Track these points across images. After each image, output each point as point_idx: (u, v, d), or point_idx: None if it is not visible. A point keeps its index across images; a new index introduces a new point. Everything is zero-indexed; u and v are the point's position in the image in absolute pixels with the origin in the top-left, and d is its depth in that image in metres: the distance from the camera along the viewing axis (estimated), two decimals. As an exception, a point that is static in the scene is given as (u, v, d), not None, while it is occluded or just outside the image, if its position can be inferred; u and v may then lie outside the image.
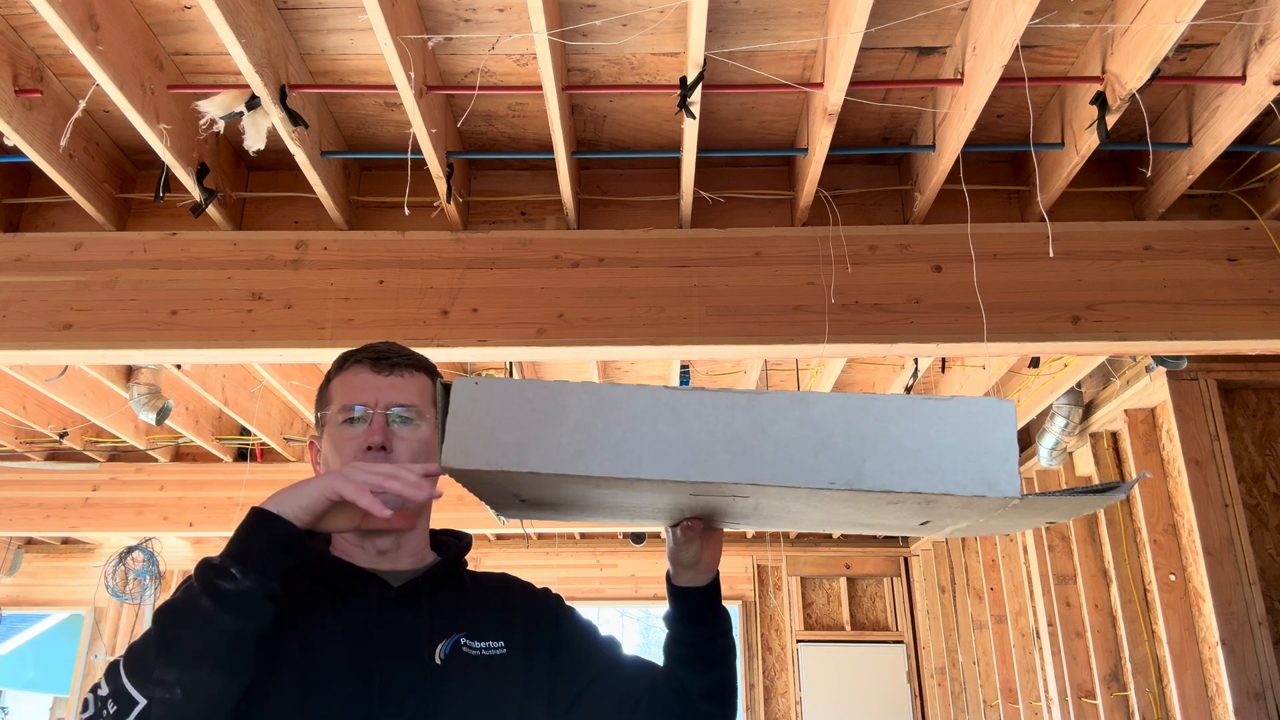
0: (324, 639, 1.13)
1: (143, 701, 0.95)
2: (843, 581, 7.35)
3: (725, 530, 1.31)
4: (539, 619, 1.32)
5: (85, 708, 0.99)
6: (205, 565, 1.02)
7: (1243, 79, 2.28)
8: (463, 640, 1.19)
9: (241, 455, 5.31)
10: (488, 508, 1.20)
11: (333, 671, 1.12)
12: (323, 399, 1.28)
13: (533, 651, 1.27)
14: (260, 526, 1.03)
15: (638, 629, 19.60)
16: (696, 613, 1.30)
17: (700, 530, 1.24)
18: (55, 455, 5.25)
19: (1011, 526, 1.13)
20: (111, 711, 0.95)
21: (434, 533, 1.33)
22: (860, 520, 1.14)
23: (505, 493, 1.07)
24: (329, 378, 1.29)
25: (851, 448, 0.93)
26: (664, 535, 1.31)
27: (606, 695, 1.30)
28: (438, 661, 1.16)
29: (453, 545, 1.32)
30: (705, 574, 1.29)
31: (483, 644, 1.21)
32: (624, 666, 1.34)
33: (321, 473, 1.24)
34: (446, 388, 0.98)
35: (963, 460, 0.93)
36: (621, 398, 0.96)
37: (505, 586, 1.35)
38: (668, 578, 1.33)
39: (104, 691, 0.98)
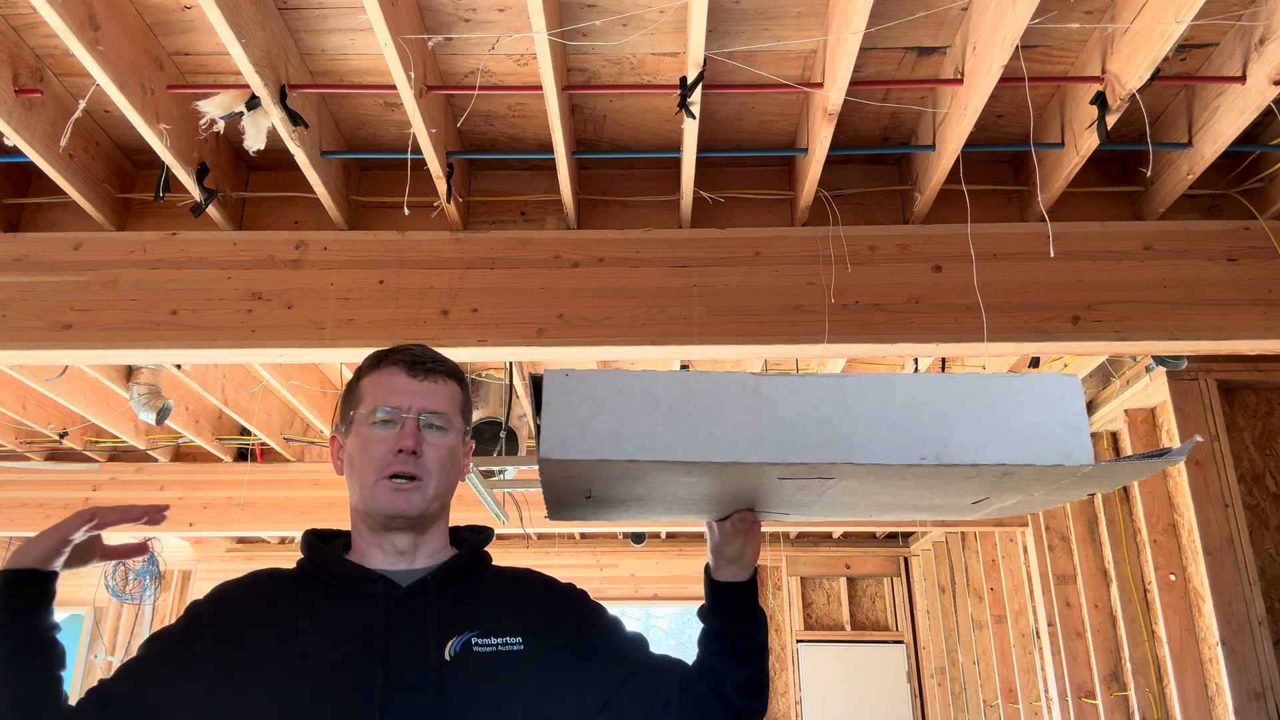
0: (332, 641, 1.14)
1: None
2: (843, 581, 7.35)
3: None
4: (562, 615, 1.30)
5: None
6: None
7: (1243, 79, 2.28)
8: (474, 638, 1.19)
9: (241, 455, 5.31)
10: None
11: (338, 674, 1.12)
12: (352, 397, 1.27)
13: (553, 648, 1.25)
14: None
15: (638, 629, 19.64)
16: (738, 607, 1.31)
17: (750, 523, 1.25)
18: (55, 455, 5.25)
19: (1058, 500, 1.19)
20: None
21: (455, 529, 1.33)
22: (924, 500, 1.17)
23: (578, 489, 1.09)
24: (359, 375, 1.28)
25: (936, 425, 0.98)
26: (706, 531, 1.32)
27: (639, 694, 1.30)
28: (447, 659, 1.16)
29: (471, 540, 1.32)
30: (747, 569, 1.31)
31: (498, 640, 1.20)
32: (654, 664, 1.34)
33: (344, 470, 1.26)
34: (537, 380, 1.00)
35: (1039, 432, 0.98)
36: (710, 385, 1.00)
37: (526, 581, 1.34)
38: (706, 571, 1.33)
39: None
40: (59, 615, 1.15)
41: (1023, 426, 0.98)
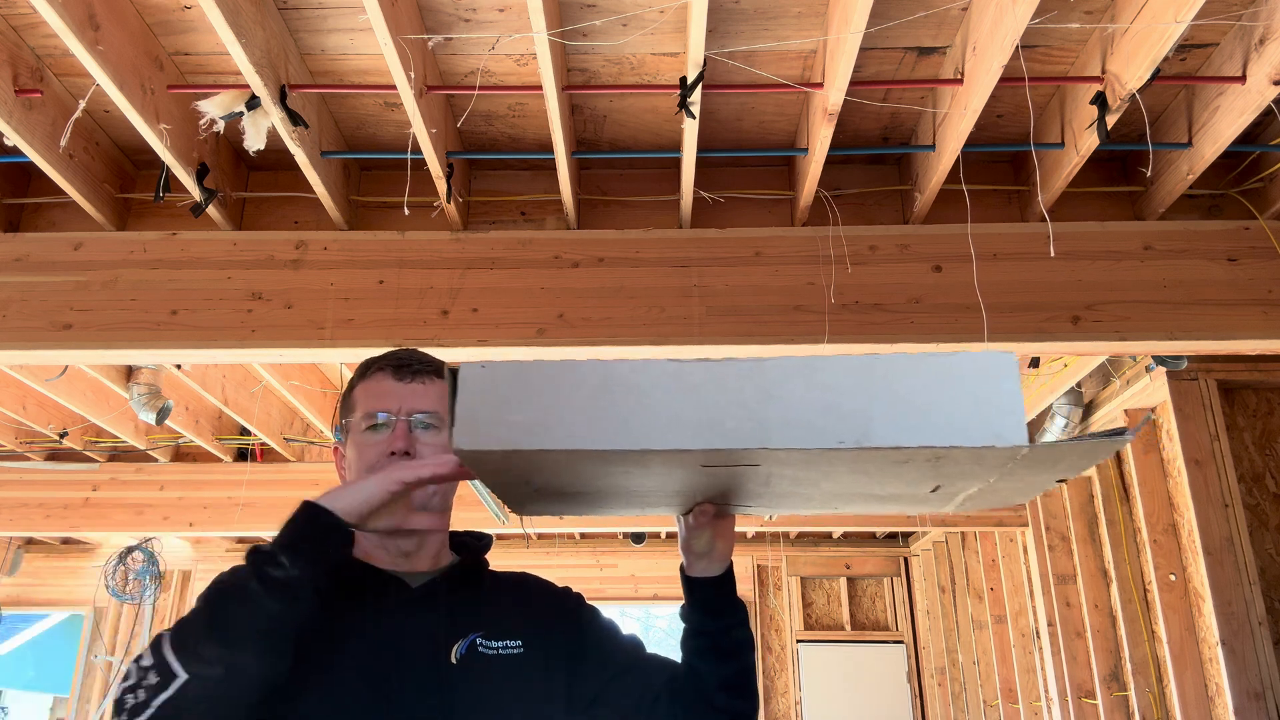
0: (342, 638, 1.14)
1: (184, 676, 0.97)
2: (843, 581, 7.35)
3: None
4: (559, 618, 1.32)
5: (126, 677, 1.00)
6: (255, 551, 1.05)
7: (1243, 79, 2.28)
8: (479, 640, 1.20)
9: (241, 455, 5.31)
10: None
11: (350, 671, 1.12)
12: (346, 406, 1.30)
13: (551, 650, 1.27)
14: (311, 519, 1.06)
15: (638, 629, 19.61)
16: (711, 603, 1.29)
17: (711, 515, 1.23)
18: (55, 455, 5.24)
19: (1024, 489, 1.14)
20: (153, 683, 0.97)
21: (454, 534, 1.34)
22: (871, 490, 1.13)
23: (518, 482, 1.07)
24: (351, 385, 1.30)
25: (859, 407, 0.94)
26: (676, 525, 1.31)
27: (626, 692, 1.30)
28: (454, 661, 1.17)
29: (473, 546, 1.33)
30: (719, 563, 1.29)
31: (499, 643, 1.22)
32: (644, 663, 1.34)
33: (348, 479, 1.26)
34: (454, 372, 0.98)
35: (970, 413, 0.94)
36: (628, 372, 0.97)
37: (524, 585, 1.36)
38: (681, 570, 1.32)
39: (146, 662, 0.99)
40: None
41: (953, 407, 0.93)
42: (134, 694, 0.97)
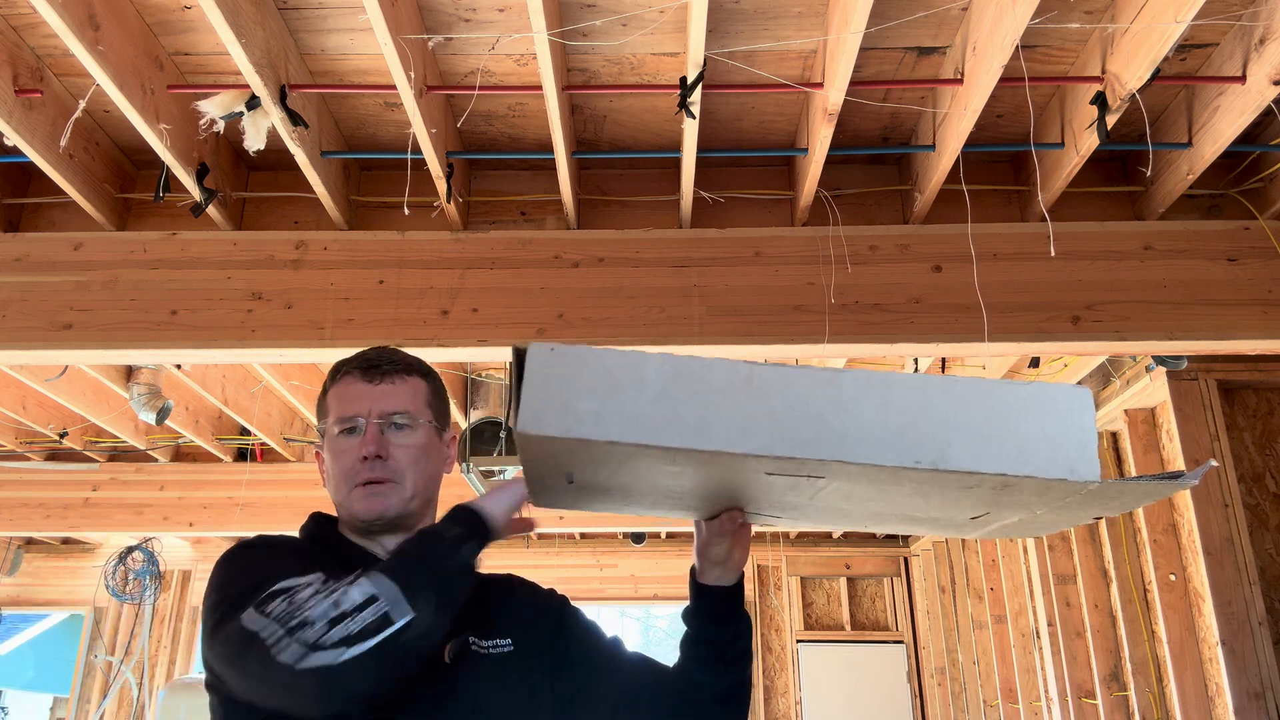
0: None
1: (411, 614, 0.98)
2: (843, 581, 7.35)
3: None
4: (543, 618, 1.33)
5: (316, 591, 0.99)
6: (476, 522, 1.10)
7: (1243, 79, 2.27)
8: (471, 639, 1.20)
9: (241, 455, 5.31)
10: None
11: None
12: (321, 411, 1.29)
13: (538, 649, 1.27)
14: (483, 521, 1.11)
15: (638, 629, 19.60)
16: (721, 612, 1.28)
17: (739, 524, 1.22)
18: (55, 455, 5.24)
19: (1063, 522, 1.13)
20: (376, 616, 0.97)
21: None
22: (919, 511, 1.12)
23: (559, 471, 1.05)
24: (324, 390, 1.30)
25: (935, 429, 0.93)
26: (694, 530, 1.29)
27: (605, 694, 1.30)
28: (447, 660, 1.17)
29: None
30: (733, 572, 1.28)
31: (490, 642, 1.22)
32: (624, 664, 1.33)
33: (326, 484, 1.26)
34: (520, 353, 0.95)
35: (1044, 444, 0.93)
36: (701, 370, 0.95)
37: (511, 585, 1.37)
38: (692, 574, 1.31)
39: (360, 594, 0.98)
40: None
41: (1028, 437, 0.93)
42: (345, 623, 0.96)
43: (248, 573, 1.09)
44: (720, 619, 1.28)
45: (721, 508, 1.19)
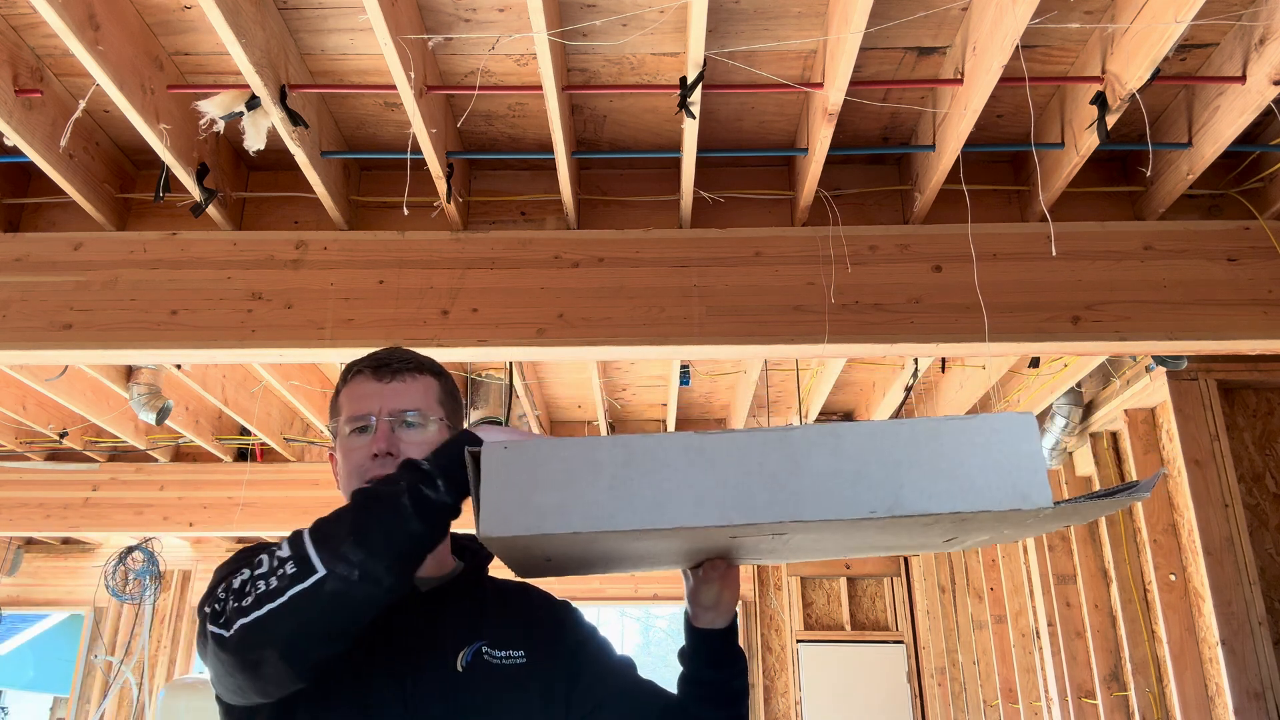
0: (369, 641, 1.13)
1: (323, 571, 0.97)
2: (843, 581, 7.35)
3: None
4: (558, 633, 1.33)
5: (258, 565, 1.00)
6: (413, 467, 1.04)
7: (1243, 79, 2.27)
8: (484, 649, 1.20)
9: (241, 455, 5.31)
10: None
11: (366, 672, 1.12)
12: (333, 411, 1.29)
13: (551, 665, 1.27)
14: (469, 447, 1.04)
15: (637, 629, 19.60)
16: (716, 655, 1.31)
17: (723, 570, 1.24)
18: (55, 455, 5.24)
19: (1033, 533, 1.17)
20: (289, 572, 0.97)
21: (455, 537, 1.33)
22: (889, 543, 1.16)
23: (535, 556, 1.08)
24: (337, 390, 1.30)
25: (887, 475, 0.96)
26: (683, 577, 1.31)
27: (619, 716, 1.32)
28: (459, 669, 1.17)
29: (477, 551, 1.33)
30: (725, 615, 1.30)
31: (503, 653, 1.21)
32: (638, 689, 1.35)
33: (339, 484, 1.25)
34: (475, 456, 0.99)
35: (995, 476, 0.96)
36: (652, 447, 0.98)
37: (525, 595, 1.36)
38: (685, 617, 1.33)
39: (283, 554, 0.99)
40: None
41: (977, 470, 0.96)
42: (265, 581, 0.97)
43: (226, 580, 1.09)
44: (715, 662, 1.31)
45: (703, 558, 1.22)
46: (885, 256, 2.73)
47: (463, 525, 1.02)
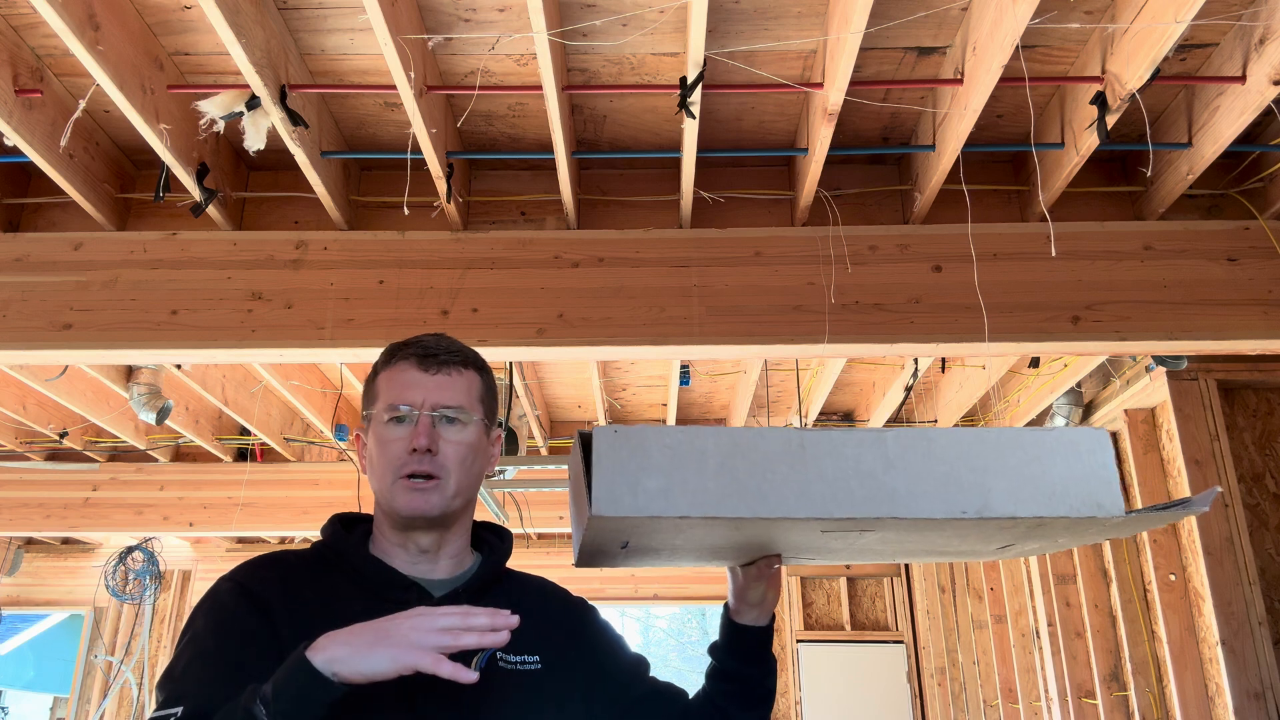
0: None
1: None
2: (842, 581, 7.35)
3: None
4: (575, 636, 1.31)
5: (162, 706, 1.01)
6: (245, 711, 0.97)
7: (1243, 79, 2.27)
8: (499, 654, 1.17)
9: (241, 455, 5.31)
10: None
11: (379, 685, 1.10)
12: (369, 395, 1.25)
13: (568, 672, 1.25)
14: (308, 686, 0.96)
15: (638, 629, 19.60)
16: (753, 653, 1.32)
17: (774, 568, 1.25)
18: (55, 455, 5.24)
19: (1087, 541, 1.24)
20: None
21: (476, 527, 1.32)
22: (952, 547, 1.22)
23: (617, 540, 1.10)
24: (375, 372, 1.25)
25: (976, 479, 1.03)
26: (730, 575, 1.32)
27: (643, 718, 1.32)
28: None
29: (495, 546, 1.31)
30: (767, 614, 1.32)
31: (518, 658, 1.19)
32: (658, 691, 1.36)
33: (368, 470, 1.22)
34: (586, 438, 1.02)
35: (1073, 485, 1.03)
36: (755, 440, 1.03)
37: (543, 594, 1.34)
38: (726, 614, 1.34)
39: None
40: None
41: (1058, 479, 1.03)
42: None
43: (171, 667, 1.09)
44: (751, 658, 1.32)
45: (759, 555, 1.25)
46: (885, 256, 2.73)
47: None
